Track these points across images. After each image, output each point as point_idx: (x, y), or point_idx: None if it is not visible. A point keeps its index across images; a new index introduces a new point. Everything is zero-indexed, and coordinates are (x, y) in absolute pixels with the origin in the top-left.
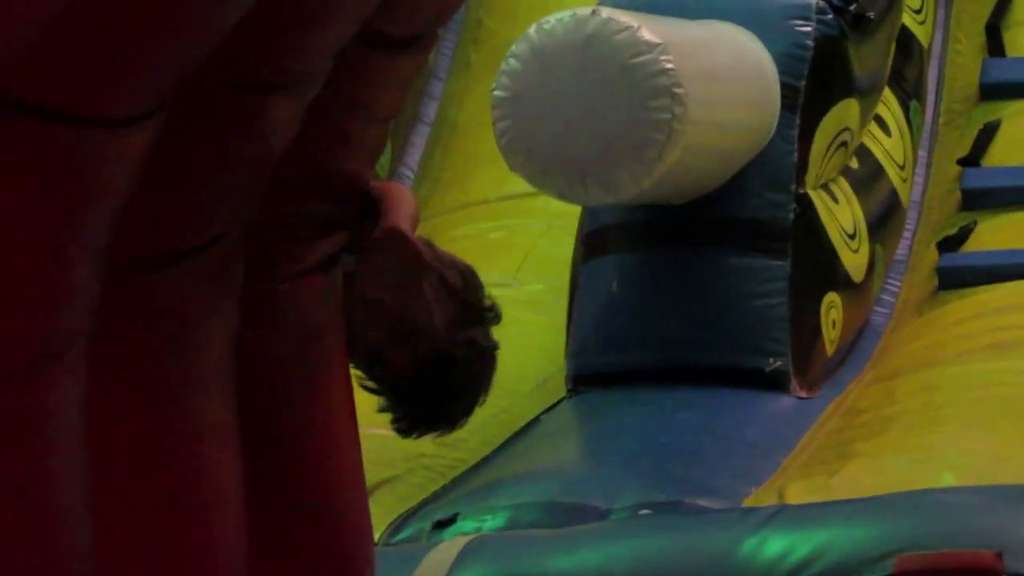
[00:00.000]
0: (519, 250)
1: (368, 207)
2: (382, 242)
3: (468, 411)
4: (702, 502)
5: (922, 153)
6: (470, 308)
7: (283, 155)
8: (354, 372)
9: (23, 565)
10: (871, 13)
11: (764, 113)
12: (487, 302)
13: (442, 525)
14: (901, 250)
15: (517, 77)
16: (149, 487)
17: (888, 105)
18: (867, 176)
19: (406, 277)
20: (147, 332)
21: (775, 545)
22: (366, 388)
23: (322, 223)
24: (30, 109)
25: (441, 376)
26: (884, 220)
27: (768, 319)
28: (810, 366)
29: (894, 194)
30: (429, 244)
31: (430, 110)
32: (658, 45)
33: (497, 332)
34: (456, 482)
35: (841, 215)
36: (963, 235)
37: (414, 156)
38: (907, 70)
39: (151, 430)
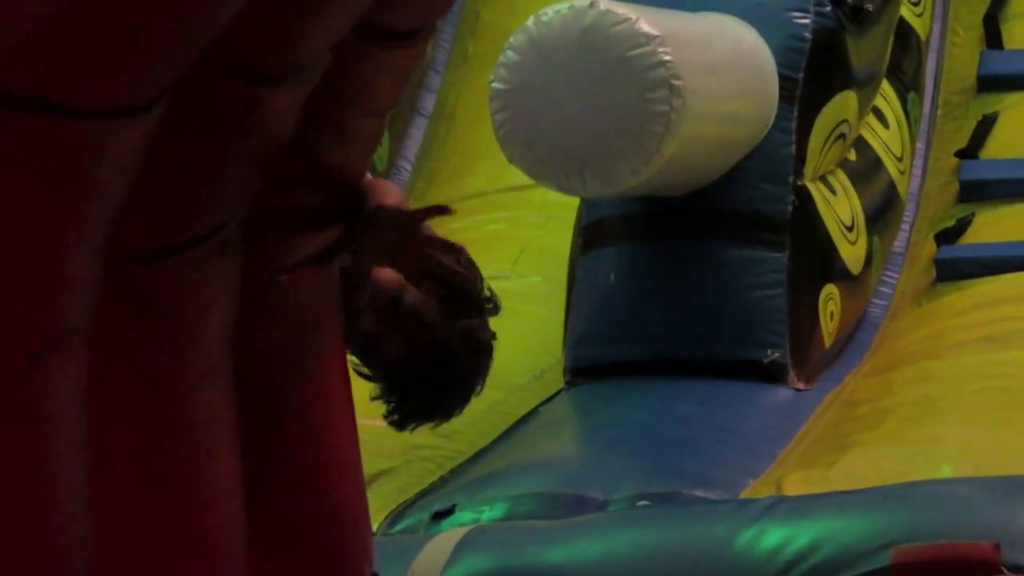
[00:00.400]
0: (517, 242)
1: (362, 200)
2: (375, 218)
3: (463, 402)
4: (700, 493)
5: (920, 145)
6: (467, 298)
7: (280, 147)
8: (350, 359)
9: (23, 565)
10: (869, 5)
11: (762, 105)
12: (486, 293)
13: (440, 516)
14: (899, 242)
15: (515, 69)
16: (149, 486)
17: (886, 97)
18: (865, 168)
19: (408, 239)
20: (147, 325)
21: (773, 536)
22: (361, 375)
23: (318, 215)
24: (30, 102)
25: (436, 365)
26: (882, 212)
27: (766, 311)
28: (808, 358)
29: (892, 186)
30: (430, 229)
31: (428, 103)
32: (656, 37)
33: (495, 324)
34: (454, 473)
35: (839, 207)
36: (961, 227)
37: (412, 148)
38: (905, 62)
39: (151, 429)
